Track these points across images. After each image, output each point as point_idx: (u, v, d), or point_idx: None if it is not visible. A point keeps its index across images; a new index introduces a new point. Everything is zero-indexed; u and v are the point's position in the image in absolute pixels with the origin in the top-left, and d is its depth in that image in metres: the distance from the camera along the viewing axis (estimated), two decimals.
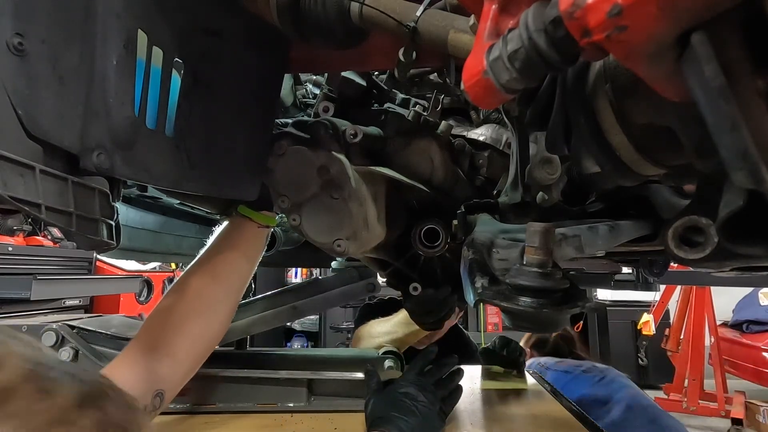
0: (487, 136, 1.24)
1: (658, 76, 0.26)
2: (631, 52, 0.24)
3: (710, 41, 0.22)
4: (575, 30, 0.25)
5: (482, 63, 0.31)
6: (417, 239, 1.14)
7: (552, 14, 0.26)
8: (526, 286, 0.53)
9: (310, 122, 0.94)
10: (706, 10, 0.22)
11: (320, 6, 0.70)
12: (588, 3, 0.24)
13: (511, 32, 0.29)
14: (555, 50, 0.27)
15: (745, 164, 0.22)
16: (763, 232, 0.26)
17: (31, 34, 0.52)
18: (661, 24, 0.22)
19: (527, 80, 0.30)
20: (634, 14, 0.22)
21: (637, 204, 1.01)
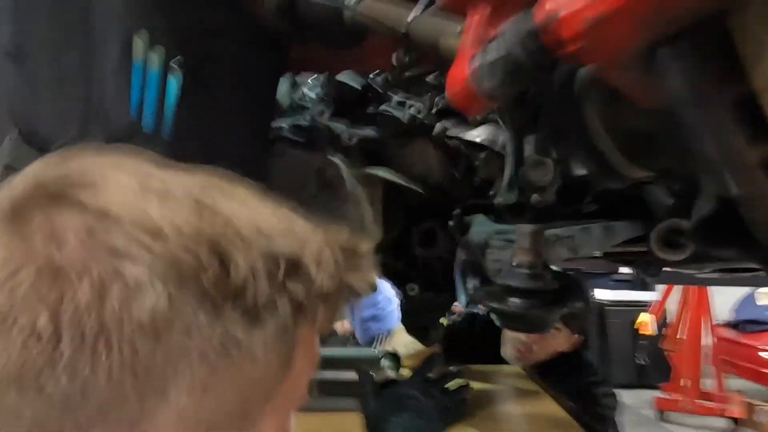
0: (483, 138, 1.24)
1: (631, 84, 0.27)
2: (603, 63, 0.25)
3: (678, 54, 0.23)
4: (550, 42, 0.26)
5: (465, 71, 0.32)
6: (415, 240, 1.15)
7: (528, 26, 0.27)
8: (516, 287, 0.54)
9: (306, 125, 0.95)
10: (674, 24, 0.23)
11: (317, 8, 0.71)
12: (561, 16, 0.24)
13: (492, 42, 0.30)
14: (532, 60, 0.28)
15: (711, 169, 0.23)
16: (735, 235, 0.27)
17: (29, 37, 0.53)
18: (631, 37, 0.23)
19: (508, 89, 0.31)
20: (605, 27, 0.23)
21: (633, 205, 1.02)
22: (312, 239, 0.30)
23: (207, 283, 0.24)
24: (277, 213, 0.30)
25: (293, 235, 0.29)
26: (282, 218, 0.30)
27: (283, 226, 0.29)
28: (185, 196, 0.26)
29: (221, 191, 0.28)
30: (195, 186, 0.27)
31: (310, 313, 0.29)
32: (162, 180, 0.26)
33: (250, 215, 0.28)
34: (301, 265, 0.28)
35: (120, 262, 0.22)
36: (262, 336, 0.26)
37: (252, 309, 0.26)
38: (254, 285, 0.25)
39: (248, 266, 0.25)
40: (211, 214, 0.26)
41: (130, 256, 0.23)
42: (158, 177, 0.26)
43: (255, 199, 0.30)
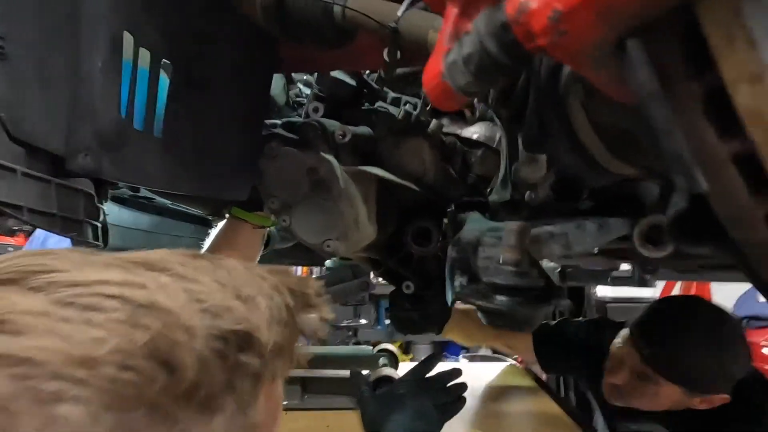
0: (480, 134, 1.24)
1: (604, 79, 0.27)
2: (574, 57, 0.25)
3: (644, 47, 0.23)
4: (521, 34, 0.25)
5: (440, 66, 0.32)
6: (409, 238, 1.15)
7: (500, 19, 0.26)
8: (502, 285, 0.54)
9: (299, 123, 0.95)
10: (641, 17, 0.22)
11: (305, 6, 0.70)
12: (531, 8, 0.24)
13: (466, 36, 0.30)
14: (505, 54, 0.27)
15: (679, 165, 0.23)
16: (709, 231, 0.26)
17: (13, 36, 0.52)
18: (599, 29, 0.23)
19: (483, 83, 0.30)
20: (573, 20, 0.23)
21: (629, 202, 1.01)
22: (260, 294, 0.29)
23: (154, 394, 0.23)
24: (219, 278, 0.29)
25: (239, 301, 0.28)
26: (226, 283, 0.29)
27: (228, 295, 0.28)
28: (111, 300, 0.24)
29: (154, 275, 0.27)
30: (123, 282, 0.25)
31: (269, 373, 0.30)
32: (82, 289, 0.24)
33: (191, 295, 0.26)
34: (251, 336, 0.28)
35: (55, 407, 0.22)
36: (222, 419, 0.27)
37: (208, 400, 0.26)
38: (207, 376, 0.25)
39: (196, 359, 0.25)
40: (146, 314, 0.24)
41: (64, 397, 0.22)
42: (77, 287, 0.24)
43: (193, 271, 0.28)
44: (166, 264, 0.28)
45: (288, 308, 0.31)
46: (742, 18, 0.20)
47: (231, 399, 0.27)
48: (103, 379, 0.22)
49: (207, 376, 0.25)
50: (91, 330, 0.23)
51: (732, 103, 0.21)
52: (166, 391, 0.24)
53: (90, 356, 0.22)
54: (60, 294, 0.24)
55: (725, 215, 0.24)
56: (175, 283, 0.27)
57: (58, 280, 0.25)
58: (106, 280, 0.25)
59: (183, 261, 0.29)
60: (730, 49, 0.20)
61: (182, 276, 0.27)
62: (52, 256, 0.27)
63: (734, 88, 0.21)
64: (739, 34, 0.20)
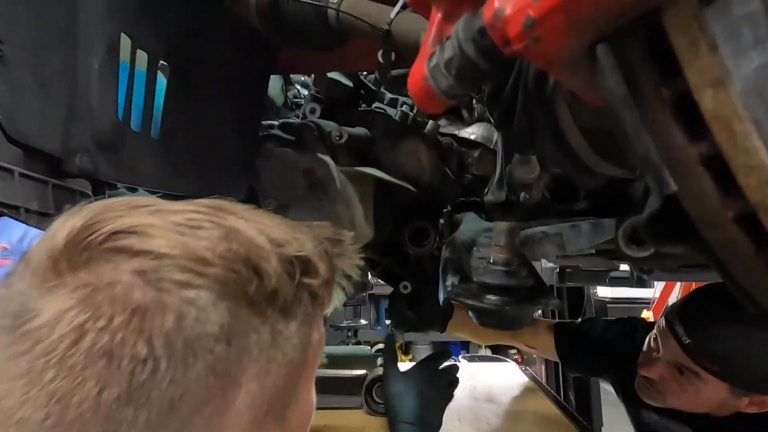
0: (478, 135, 1.25)
1: (579, 83, 0.27)
2: (548, 62, 0.26)
3: (614, 52, 0.23)
4: (498, 40, 0.26)
5: (424, 69, 0.33)
6: (406, 239, 1.16)
7: (478, 24, 0.27)
8: (492, 284, 0.54)
9: (295, 124, 0.96)
10: (610, 23, 0.23)
11: (298, 9, 0.71)
12: (506, 14, 0.25)
13: (448, 40, 0.30)
14: (483, 58, 0.28)
15: (649, 168, 0.24)
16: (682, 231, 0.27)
17: (10, 39, 0.53)
18: (570, 35, 0.23)
19: (464, 87, 0.31)
20: (545, 26, 0.23)
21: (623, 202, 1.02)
22: (307, 238, 0.36)
23: (252, 293, 0.30)
24: (275, 221, 0.35)
25: (296, 238, 0.34)
26: (281, 225, 0.35)
27: (286, 232, 0.34)
28: (209, 223, 0.31)
29: (230, 213, 0.33)
30: (211, 213, 0.32)
31: (321, 299, 0.36)
32: (183, 215, 0.31)
33: (259, 229, 0.32)
34: (310, 261, 0.34)
35: (185, 291, 0.28)
36: (296, 325, 0.33)
37: (284, 306, 0.32)
38: (282, 287, 0.31)
39: (275, 273, 0.31)
40: (235, 235, 0.30)
41: (191, 285, 0.28)
42: (179, 213, 0.31)
43: (255, 214, 0.35)
44: (234, 208, 0.34)
45: (327, 253, 0.37)
46: (705, 25, 0.21)
47: (300, 311, 0.33)
48: (216, 275, 0.28)
49: (283, 286, 0.31)
50: (201, 241, 0.29)
51: (698, 108, 0.22)
52: (258, 292, 0.30)
53: (205, 257, 0.28)
54: (170, 217, 0.30)
55: (696, 216, 0.25)
56: (246, 221, 0.33)
57: (164, 209, 0.31)
58: (199, 210, 0.31)
59: (245, 208, 0.35)
60: (693, 55, 0.21)
61: (249, 218, 0.33)
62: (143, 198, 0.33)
63: (699, 93, 0.21)
64: (702, 41, 0.21)
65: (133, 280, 0.27)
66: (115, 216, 0.29)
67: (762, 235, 0.23)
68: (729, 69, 0.20)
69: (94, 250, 0.28)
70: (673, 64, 0.22)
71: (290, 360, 0.33)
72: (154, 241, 0.28)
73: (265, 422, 0.32)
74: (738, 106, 0.21)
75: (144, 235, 0.28)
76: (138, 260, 0.27)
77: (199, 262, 0.28)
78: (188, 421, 0.27)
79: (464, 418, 1.23)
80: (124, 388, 0.25)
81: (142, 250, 0.28)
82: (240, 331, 0.29)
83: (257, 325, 0.30)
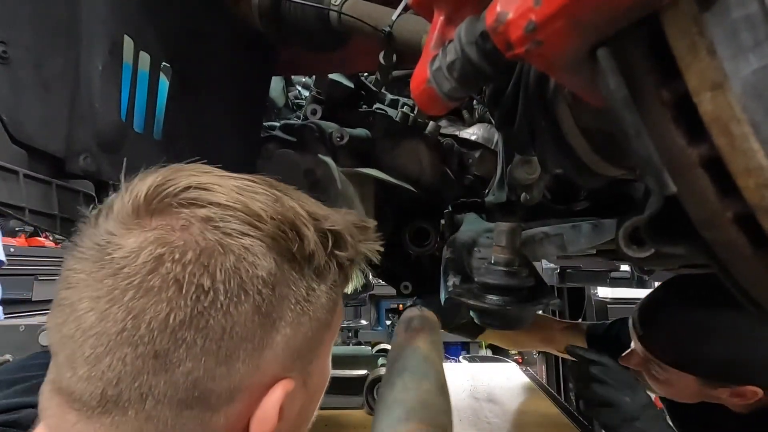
0: (478, 136, 1.25)
1: (580, 86, 0.28)
2: (550, 65, 0.26)
3: (615, 55, 0.24)
4: (500, 43, 0.26)
5: (426, 72, 0.33)
6: (407, 239, 1.16)
7: (480, 28, 0.27)
8: (493, 285, 0.54)
9: (296, 125, 0.96)
10: (611, 27, 0.23)
11: (300, 11, 0.71)
12: (508, 19, 0.25)
13: (450, 43, 0.31)
14: (485, 61, 0.28)
15: (649, 169, 0.24)
16: (682, 232, 0.27)
17: (14, 41, 0.54)
18: (572, 39, 0.24)
19: (466, 89, 0.31)
20: (547, 30, 0.24)
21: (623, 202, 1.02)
22: (339, 219, 0.40)
23: (294, 251, 0.34)
24: (312, 201, 0.40)
25: (331, 216, 0.39)
26: (317, 204, 0.40)
27: (322, 209, 0.39)
28: (263, 189, 0.35)
29: (276, 187, 0.37)
30: (263, 184, 0.36)
31: (346, 272, 0.40)
32: (242, 181, 0.35)
33: (301, 203, 0.37)
34: (341, 238, 0.38)
35: (245, 239, 0.32)
36: (325, 288, 0.38)
37: (317, 269, 0.37)
38: (317, 252, 0.36)
39: (313, 239, 0.35)
40: (283, 203, 0.35)
41: (250, 234, 0.32)
42: (238, 179, 0.35)
43: (297, 193, 0.39)
44: (280, 185, 0.38)
45: (354, 236, 0.40)
46: (704, 28, 0.21)
47: (330, 277, 0.38)
48: (268, 231, 0.33)
49: (318, 251, 0.36)
50: (257, 202, 0.34)
51: (697, 110, 0.22)
52: (299, 252, 0.35)
53: (260, 214, 0.33)
54: (233, 181, 0.35)
55: (695, 216, 0.25)
56: (289, 195, 0.37)
57: (227, 175, 0.36)
58: (254, 180, 0.36)
59: (288, 186, 0.39)
60: (692, 57, 0.21)
61: (291, 194, 0.38)
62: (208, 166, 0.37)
63: (698, 95, 0.22)
64: (701, 44, 0.21)
65: (202, 225, 0.32)
66: (187, 175, 0.34)
67: (760, 235, 0.23)
68: (727, 72, 0.21)
69: (171, 200, 0.32)
70: (673, 67, 0.23)
71: (319, 317, 0.37)
72: (221, 196, 0.33)
73: (293, 368, 0.36)
74: (737, 108, 0.21)
75: (212, 191, 0.33)
76: (206, 210, 0.32)
77: (255, 217, 0.33)
78: (234, 351, 0.31)
79: (465, 417, 1.24)
80: (188, 313, 0.30)
81: (210, 202, 0.32)
82: (283, 281, 0.34)
83: (296, 279, 0.35)
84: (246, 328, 0.32)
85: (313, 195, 0.96)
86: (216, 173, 0.36)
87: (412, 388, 0.68)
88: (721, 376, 0.88)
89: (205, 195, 0.33)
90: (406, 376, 0.71)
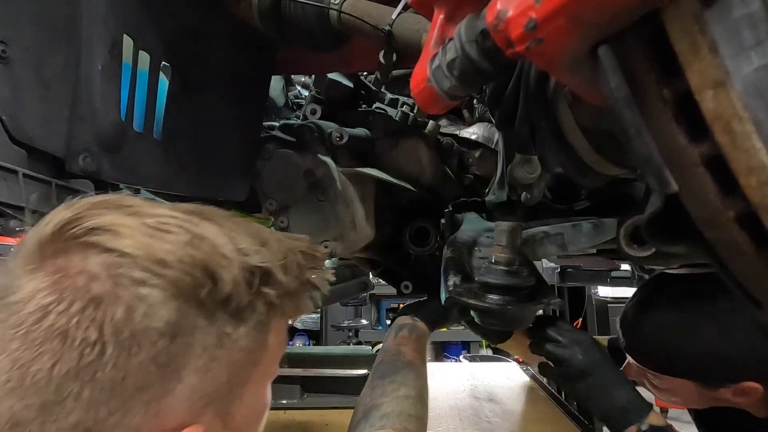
0: (479, 135, 1.25)
1: (581, 84, 0.27)
2: (550, 63, 0.26)
3: (616, 53, 0.24)
4: (500, 41, 0.26)
5: (426, 71, 0.33)
6: (407, 239, 1.16)
7: (480, 26, 0.27)
8: (494, 284, 0.54)
9: (296, 125, 0.96)
10: (612, 25, 0.23)
11: (300, 10, 0.71)
12: (509, 16, 0.25)
13: (450, 42, 0.31)
14: (485, 60, 0.28)
15: (650, 168, 0.24)
16: (683, 231, 0.27)
17: (14, 41, 0.53)
18: (572, 37, 0.24)
19: (466, 88, 0.31)
20: (548, 28, 0.24)
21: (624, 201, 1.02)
22: (279, 249, 0.39)
23: (203, 296, 0.33)
24: (249, 232, 0.38)
25: (264, 248, 0.37)
26: (254, 235, 0.38)
27: (254, 243, 0.37)
28: (178, 228, 0.34)
29: (205, 219, 0.36)
30: (183, 219, 0.35)
31: (280, 308, 0.39)
32: (158, 219, 0.34)
33: (230, 237, 0.35)
34: (271, 274, 0.37)
35: (140, 288, 0.31)
36: (245, 330, 0.36)
37: (236, 311, 0.35)
38: (237, 293, 0.34)
39: (232, 279, 0.34)
40: (200, 241, 0.34)
41: (147, 283, 0.31)
42: (155, 217, 0.34)
43: (231, 223, 0.38)
44: (213, 215, 0.37)
45: (299, 265, 0.39)
46: (705, 26, 0.21)
47: (252, 317, 0.36)
48: (171, 277, 0.31)
49: (238, 292, 0.34)
50: (165, 244, 0.32)
51: (699, 108, 0.22)
52: (210, 295, 0.33)
53: (164, 259, 0.31)
54: (146, 219, 0.33)
55: (697, 216, 0.25)
56: (219, 227, 0.36)
57: (144, 211, 0.34)
58: (174, 216, 0.34)
59: (225, 215, 0.38)
60: (694, 56, 0.21)
61: (224, 225, 0.37)
62: (132, 198, 0.36)
63: (700, 93, 0.22)
64: (703, 42, 0.21)
65: (97, 272, 0.30)
66: (98, 213, 0.32)
67: (762, 234, 0.23)
68: (729, 70, 0.21)
69: (73, 242, 0.31)
70: (674, 65, 0.23)
71: (235, 360, 0.35)
72: (124, 240, 0.31)
73: (204, 413, 0.34)
74: (738, 106, 0.21)
75: (117, 234, 0.32)
76: (105, 256, 0.31)
77: (158, 263, 0.31)
78: (127, 401, 0.31)
79: (465, 417, 1.24)
80: (73, 365, 0.29)
81: (110, 248, 0.31)
82: (185, 329, 0.32)
83: (204, 325, 0.33)
84: (141, 378, 0.31)
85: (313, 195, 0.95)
86: (133, 208, 0.34)
87: (389, 394, 0.69)
88: (711, 376, 0.85)
89: (107, 239, 0.31)
90: (386, 381, 0.72)
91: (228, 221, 0.37)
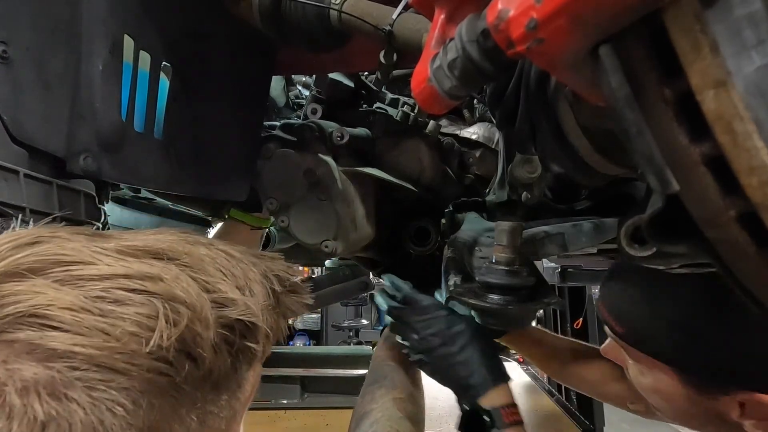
0: (479, 135, 1.25)
1: (582, 84, 0.27)
2: (551, 63, 0.26)
3: (617, 53, 0.24)
4: (501, 41, 0.26)
5: (427, 70, 0.33)
6: (408, 238, 1.16)
7: (481, 26, 0.27)
8: (494, 284, 0.54)
9: (296, 125, 0.96)
10: (613, 25, 0.23)
11: (300, 10, 0.71)
12: (510, 16, 0.25)
13: (451, 42, 0.31)
14: (486, 60, 0.28)
15: (651, 168, 0.24)
16: (684, 230, 0.27)
17: (14, 41, 0.53)
18: (573, 37, 0.24)
19: (467, 88, 0.31)
20: (549, 28, 0.24)
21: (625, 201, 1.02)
22: (255, 281, 0.33)
23: (181, 381, 0.27)
24: (221, 266, 0.32)
25: (240, 292, 0.32)
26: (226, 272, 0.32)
27: (230, 286, 0.31)
28: (138, 294, 0.26)
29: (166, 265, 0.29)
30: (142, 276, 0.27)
31: (261, 353, 0.34)
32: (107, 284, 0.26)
33: (201, 285, 0.29)
34: (253, 324, 0.32)
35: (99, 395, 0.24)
36: (227, 395, 0.31)
37: (218, 381, 0.30)
38: (219, 361, 0.29)
39: (212, 349, 0.28)
40: (169, 309, 0.26)
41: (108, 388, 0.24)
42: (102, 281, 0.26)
43: (198, 261, 0.31)
44: (173, 254, 0.30)
45: (274, 293, 0.35)
46: (706, 25, 0.21)
47: (234, 378, 0.31)
48: (142, 369, 0.25)
49: (219, 361, 0.29)
50: (127, 325, 0.25)
51: (700, 108, 0.22)
52: (189, 378, 0.27)
53: (130, 349, 0.25)
54: (90, 288, 0.25)
55: (698, 215, 0.25)
56: (185, 273, 0.29)
57: (84, 274, 0.26)
58: (128, 275, 0.27)
59: (187, 250, 0.31)
60: (695, 55, 0.21)
61: (189, 266, 0.30)
62: (60, 241, 0.28)
63: (701, 93, 0.22)
64: (704, 41, 0.21)
65: (34, 386, 0.23)
66: (22, 287, 0.24)
67: (764, 234, 0.23)
68: (730, 69, 0.21)
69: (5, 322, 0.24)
70: (675, 65, 0.23)
71: (217, 428, 0.31)
72: (64, 334, 0.24)
73: None
74: (739, 106, 0.21)
75: (52, 321, 0.24)
76: (43, 360, 0.23)
77: (117, 358, 0.24)
78: None
79: None
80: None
81: (49, 348, 0.23)
82: (162, 426, 0.27)
83: (183, 414, 0.28)
84: None
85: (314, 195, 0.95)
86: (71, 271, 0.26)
87: (378, 399, 0.68)
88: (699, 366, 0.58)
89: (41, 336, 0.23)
90: (375, 387, 0.71)
91: (194, 257, 0.31)
